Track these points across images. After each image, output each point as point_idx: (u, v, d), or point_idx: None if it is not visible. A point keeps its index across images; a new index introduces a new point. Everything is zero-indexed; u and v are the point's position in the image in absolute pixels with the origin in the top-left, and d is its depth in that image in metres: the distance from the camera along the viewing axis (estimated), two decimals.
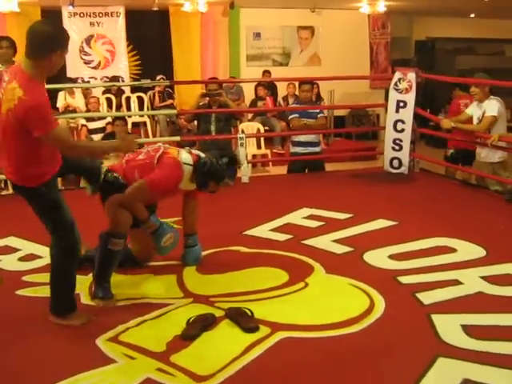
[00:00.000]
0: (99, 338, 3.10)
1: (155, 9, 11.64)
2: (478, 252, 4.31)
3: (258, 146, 9.64)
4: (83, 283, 3.76)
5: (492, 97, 6.04)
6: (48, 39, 2.96)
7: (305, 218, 5.24)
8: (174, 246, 3.96)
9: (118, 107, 11.26)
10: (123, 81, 11.86)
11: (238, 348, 2.96)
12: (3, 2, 10.64)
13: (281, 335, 3.09)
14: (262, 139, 9.76)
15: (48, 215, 3.22)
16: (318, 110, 7.09)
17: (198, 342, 3.05)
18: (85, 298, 3.63)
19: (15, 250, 4.52)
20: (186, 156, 3.92)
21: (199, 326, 3.16)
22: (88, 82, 12.10)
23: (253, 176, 7.10)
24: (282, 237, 4.72)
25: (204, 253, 4.28)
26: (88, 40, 12.28)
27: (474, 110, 6.22)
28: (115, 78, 12.01)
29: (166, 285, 3.82)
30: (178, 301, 3.55)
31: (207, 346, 3.02)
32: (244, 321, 3.21)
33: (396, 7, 13.07)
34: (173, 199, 4.04)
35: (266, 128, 10.33)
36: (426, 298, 3.51)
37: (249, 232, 4.84)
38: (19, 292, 3.70)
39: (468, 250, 4.36)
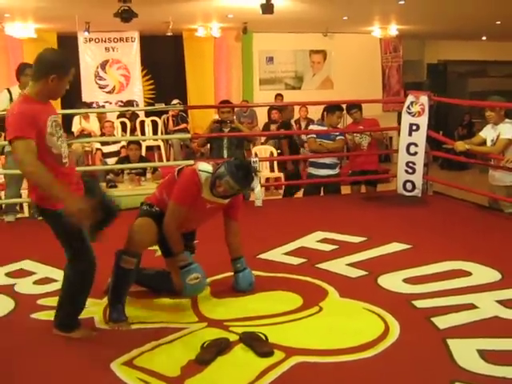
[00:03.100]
0: (114, 361, 3.09)
1: (169, 34, 11.79)
2: (494, 275, 4.27)
3: (271, 169, 9.67)
4: (98, 307, 3.79)
5: (507, 120, 6.04)
6: (44, 64, 3.19)
7: (319, 241, 5.24)
8: (199, 290, 3.89)
9: (133, 131, 11.38)
10: (137, 105, 12.01)
11: (252, 373, 2.95)
12: (21, 29, 10.87)
13: (295, 360, 3.07)
14: (275, 162, 9.79)
15: (67, 239, 3.25)
16: (337, 133, 7.13)
17: (212, 367, 3.04)
18: (99, 323, 3.63)
19: (30, 273, 4.55)
20: (204, 164, 3.95)
21: (214, 351, 3.14)
22: (103, 106, 12.25)
23: (266, 199, 7.12)
24: (295, 260, 4.71)
25: (218, 276, 4.28)
26: (103, 65, 12.46)
27: (488, 133, 6.21)
28: (130, 103, 12.16)
29: (180, 309, 3.82)
30: (193, 325, 3.55)
31: (221, 371, 3.01)
32: (258, 345, 3.20)
33: (408, 31, 13.16)
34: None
35: (279, 151, 10.36)
36: (442, 322, 3.48)
37: (263, 256, 4.84)
38: (34, 315, 3.72)
39: (483, 273, 4.32)
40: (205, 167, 3.92)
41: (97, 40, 12.33)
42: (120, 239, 3.76)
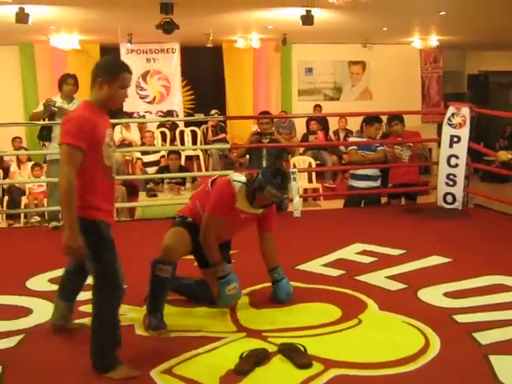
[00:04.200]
0: (153, 369, 3.12)
1: (209, 45, 11.91)
2: None
3: (310, 180, 9.67)
4: (137, 314, 3.84)
5: None
6: (94, 70, 3.19)
7: (358, 253, 5.22)
8: (236, 298, 3.95)
9: (172, 141, 11.50)
10: (177, 115, 12.13)
11: None
12: (65, 40, 11.11)
13: (334, 372, 3.06)
14: (314, 173, 9.79)
15: (96, 253, 3.13)
16: (377, 144, 7.11)
17: (250, 378, 3.04)
18: (139, 330, 3.68)
19: None
20: (237, 175, 4.01)
21: (252, 361, 3.15)
22: (143, 116, 12.41)
23: (304, 210, 7.11)
24: (334, 272, 4.70)
25: (257, 287, 4.30)
26: (144, 76, 12.64)
27: None
28: (170, 113, 12.30)
29: (219, 318, 3.84)
30: (232, 335, 3.56)
31: (260, 382, 3.02)
32: (297, 357, 3.19)
33: (448, 41, 13.02)
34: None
35: (318, 162, 10.37)
36: (484, 337, 3.42)
37: (301, 267, 4.84)
38: (76, 322, 3.78)
39: None
40: (238, 177, 3.96)
41: (138, 51, 12.53)
42: (157, 248, 3.82)
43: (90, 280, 4.53)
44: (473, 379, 3.01)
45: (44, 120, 6.47)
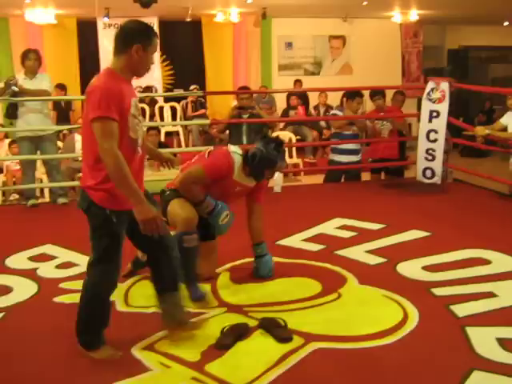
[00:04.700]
0: (135, 346, 3.13)
1: (188, 20, 11.77)
2: None
3: (290, 155, 9.67)
4: (119, 290, 3.83)
5: None
6: (127, 34, 2.93)
7: (338, 228, 5.25)
8: (230, 224, 3.97)
9: (152, 116, 11.40)
10: (156, 91, 12.01)
11: (271, 358, 2.98)
12: (41, 14, 10.89)
13: (314, 346, 3.10)
14: (294, 148, 9.79)
15: (98, 242, 3.01)
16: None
17: (232, 352, 3.07)
18: (120, 306, 3.67)
19: (52, 257, 4.62)
20: (234, 147, 4.03)
21: (233, 336, 3.18)
22: None
23: (285, 185, 7.12)
24: (314, 247, 4.73)
25: (237, 262, 4.32)
26: None
27: (509, 120, 6.16)
28: (149, 88, 12.16)
29: None
30: (213, 310, 3.58)
31: (241, 356, 3.04)
32: (278, 331, 3.22)
33: (428, 16, 13.01)
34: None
35: (298, 137, 10.36)
36: (461, 310, 3.48)
37: (282, 242, 4.86)
38: (56, 299, 3.78)
39: (503, 261, 4.31)
40: (235, 149, 3.99)
41: (116, 26, 12.28)
42: None
43: (65, 258, 4.56)
44: (450, 351, 3.05)
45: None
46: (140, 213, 2.82)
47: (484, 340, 3.13)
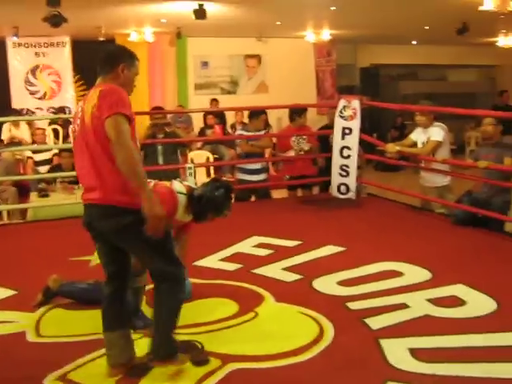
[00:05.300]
0: (47, 377, 3.02)
1: (102, 39, 11.61)
2: (424, 275, 4.41)
3: (208, 175, 9.64)
4: (30, 320, 3.71)
5: (436, 123, 6.22)
6: (112, 55, 3.10)
7: (254, 246, 5.27)
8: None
9: (66, 138, 11.12)
10: (70, 111, 11.75)
11: (188, 382, 2.94)
12: None
13: (231, 367, 3.08)
14: (212, 167, 9.78)
15: (156, 243, 2.93)
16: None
17: (147, 379, 3.00)
18: (31, 336, 3.54)
19: None
20: (178, 185, 3.77)
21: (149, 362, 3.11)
22: (34, 113, 11.94)
23: None
24: (231, 266, 4.73)
25: None
26: (33, 70, 12.16)
27: (418, 136, 6.38)
28: (62, 109, 11.90)
29: None
30: None
31: (158, 382, 2.98)
32: (194, 354, 3.18)
33: (340, 35, 13.39)
34: None
35: (216, 156, 10.36)
36: (374, 322, 3.56)
37: (199, 263, 4.82)
38: None
39: (414, 273, 4.45)
40: (180, 188, 3.73)
41: (26, 45, 12.01)
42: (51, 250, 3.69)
43: None
44: (364, 363, 3.11)
45: None
46: (150, 209, 2.78)
47: (397, 351, 3.21)
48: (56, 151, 8.78)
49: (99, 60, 3.09)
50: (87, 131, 2.90)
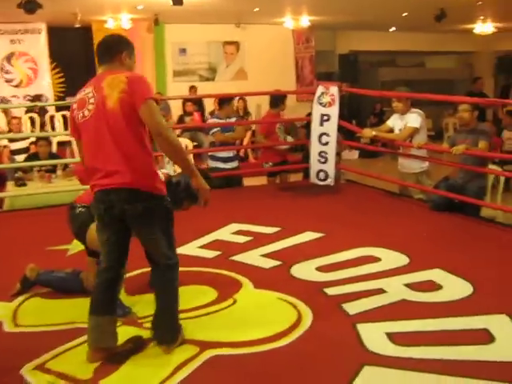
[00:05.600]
0: (25, 367, 3.01)
1: (78, 26, 11.47)
2: (402, 260, 4.45)
3: None
4: (6, 310, 3.69)
5: (413, 109, 6.24)
6: (114, 42, 3.20)
7: (233, 233, 5.27)
8: None
9: (42, 126, 11.02)
10: (47, 99, 11.63)
11: (166, 369, 2.94)
12: None
13: (209, 353, 3.09)
14: (191, 155, 9.74)
15: (167, 229, 3.12)
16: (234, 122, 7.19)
17: (126, 366, 3.01)
18: (8, 327, 3.52)
19: None
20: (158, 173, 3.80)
21: (128, 349, 3.12)
22: (9, 101, 11.79)
23: None
24: (210, 254, 4.73)
25: (133, 273, 4.22)
26: (9, 58, 12.01)
27: (395, 122, 6.40)
28: (38, 97, 11.77)
29: None
30: None
31: (136, 370, 2.99)
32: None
33: (319, 22, 13.37)
34: None
35: (195, 143, 10.33)
36: (352, 308, 3.59)
37: (177, 250, 4.75)
38: None
39: (392, 258, 4.49)
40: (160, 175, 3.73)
41: (1, 32, 11.85)
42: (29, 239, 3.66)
43: None
44: (342, 348, 3.14)
45: None
46: (203, 184, 3.11)
47: (374, 335, 3.24)
48: (33, 140, 8.69)
49: (101, 48, 3.17)
50: (111, 116, 2.94)
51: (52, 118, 11.25)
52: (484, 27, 14.16)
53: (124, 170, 2.94)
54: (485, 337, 3.18)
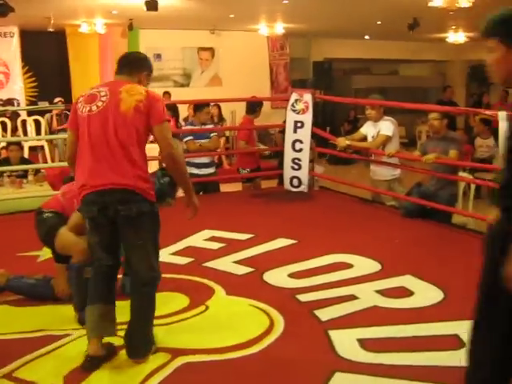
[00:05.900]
0: None
1: (51, 30, 11.36)
2: (374, 266, 4.48)
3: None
4: None
5: (386, 117, 6.29)
6: (140, 60, 3.34)
7: (206, 240, 5.26)
8: None
9: (14, 131, 10.88)
10: (18, 104, 11.49)
11: (138, 377, 2.92)
12: None
13: (181, 360, 3.07)
14: None
15: (155, 238, 3.19)
16: (209, 131, 7.08)
17: (97, 373, 2.98)
18: None
19: None
20: None
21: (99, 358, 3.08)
22: None
23: None
24: (183, 260, 4.71)
25: None
26: None
27: (368, 129, 6.45)
28: (10, 101, 11.62)
29: (64, 315, 3.69)
30: (76, 332, 3.45)
31: (107, 377, 2.96)
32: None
33: (294, 29, 13.44)
34: None
35: None
36: (324, 314, 3.60)
37: None
38: None
39: (364, 264, 4.52)
40: None
41: None
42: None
43: None
44: (313, 355, 3.14)
45: None
46: (193, 200, 3.34)
47: (345, 342, 3.26)
48: (4, 144, 8.57)
49: (125, 61, 3.28)
50: (121, 117, 3.03)
51: (24, 122, 11.10)
52: (456, 36, 14.35)
53: (124, 171, 3.01)
54: (455, 342, 3.21)
